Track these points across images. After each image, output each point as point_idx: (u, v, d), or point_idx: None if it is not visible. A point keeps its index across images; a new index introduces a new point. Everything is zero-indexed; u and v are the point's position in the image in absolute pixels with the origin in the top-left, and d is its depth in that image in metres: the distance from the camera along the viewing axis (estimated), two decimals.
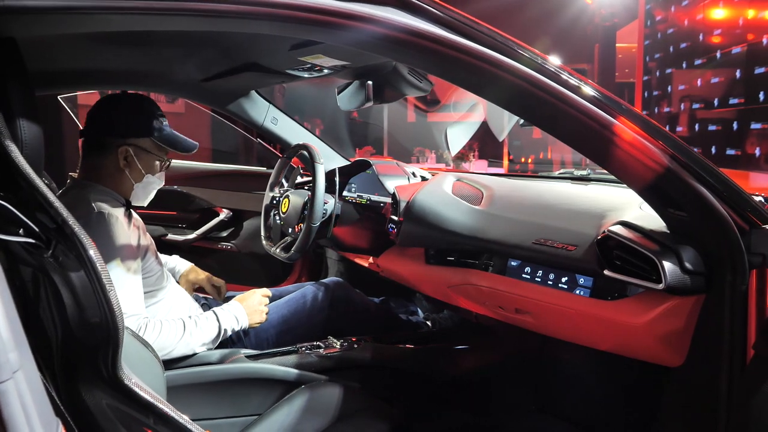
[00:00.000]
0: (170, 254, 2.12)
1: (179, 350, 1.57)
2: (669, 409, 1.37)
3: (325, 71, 1.62)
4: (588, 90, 1.07)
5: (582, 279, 1.39)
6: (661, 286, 1.16)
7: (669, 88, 7.92)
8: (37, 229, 0.80)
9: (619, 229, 1.30)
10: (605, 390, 1.72)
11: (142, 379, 1.25)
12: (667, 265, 1.16)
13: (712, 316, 1.18)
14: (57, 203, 0.81)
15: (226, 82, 1.96)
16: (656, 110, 8.38)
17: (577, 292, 1.39)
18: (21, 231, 0.81)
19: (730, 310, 1.15)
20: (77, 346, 0.84)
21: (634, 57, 9.18)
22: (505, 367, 1.98)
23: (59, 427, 0.67)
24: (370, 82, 1.66)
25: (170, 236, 2.90)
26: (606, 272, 1.29)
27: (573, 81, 1.06)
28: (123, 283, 1.50)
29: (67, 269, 0.81)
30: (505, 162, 9.57)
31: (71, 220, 0.80)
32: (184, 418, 0.92)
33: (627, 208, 1.46)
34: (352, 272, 2.62)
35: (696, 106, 6.95)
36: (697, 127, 6.91)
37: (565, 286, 1.42)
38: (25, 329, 0.93)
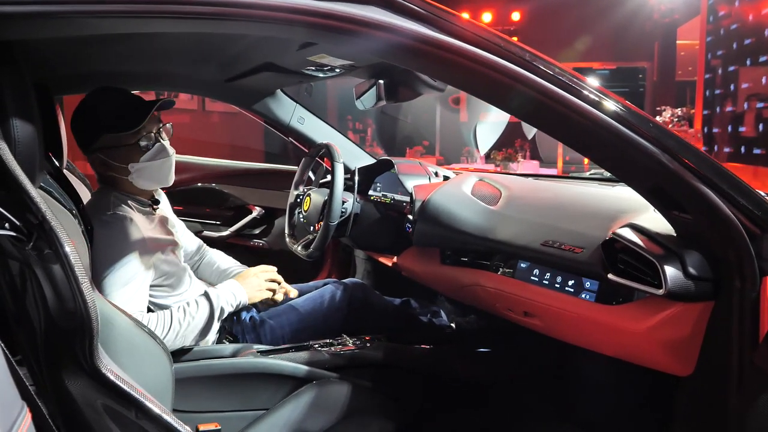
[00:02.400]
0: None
1: (173, 341, 1.58)
2: (680, 420, 1.31)
3: (337, 71, 1.63)
4: (576, 86, 1.03)
5: (588, 283, 1.35)
6: (661, 291, 1.12)
7: (732, 87, 7.58)
8: (19, 224, 0.84)
9: (625, 232, 1.25)
10: (622, 397, 1.66)
11: (148, 372, 1.29)
12: (669, 270, 1.11)
13: (720, 325, 1.13)
14: (39, 201, 0.85)
15: (249, 81, 2.00)
16: (719, 110, 8.04)
17: (583, 296, 1.35)
18: (6, 225, 0.85)
19: (740, 319, 1.09)
20: (57, 336, 0.87)
21: (696, 54, 8.83)
22: (524, 371, 1.94)
23: (23, 411, 0.69)
24: (381, 81, 1.66)
25: (206, 233, 2.98)
26: (610, 276, 1.25)
27: (562, 78, 1.03)
28: (125, 284, 1.54)
29: (47, 262, 0.84)
30: (560, 163, 9.36)
31: (50, 217, 0.84)
32: (165, 412, 0.94)
33: (640, 211, 1.40)
34: (378, 271, 2.62)
35: (761, 105, 6.64)
36: (761, 127, 6.59)
37: (572, 290, 1.38)
38: (15, 320, 0.98)
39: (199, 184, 3.05)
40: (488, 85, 1.01)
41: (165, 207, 1.89)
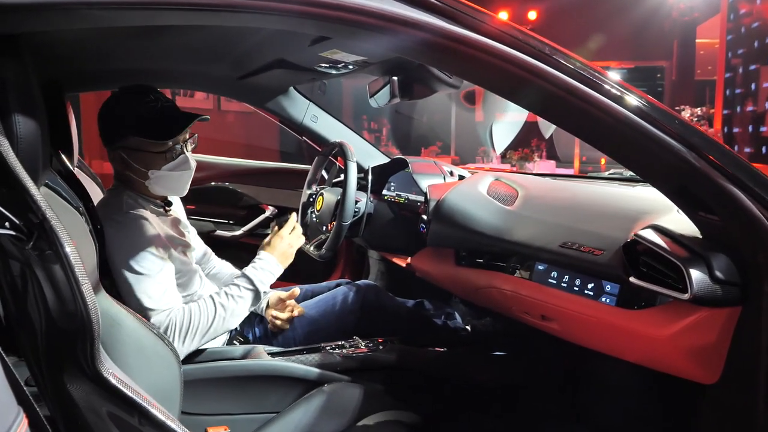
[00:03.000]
0: (219, 250, 2.14)
1: (220, 327, 1.56)
2: (704, 429, 1.26)
3: (350, 67, 1.60)
4: (597, 81, 0.99)
5: (608, 286, 1.30)
6: (686, 296, 1.07)
7: (753, 86, 7.47)
8: (19, 223, 0.81)
9: (647, 234, 1.20)
10: (644, 404, 1.61)
11: (156, 373, 1.26)
12: (695, 274, 1.06)
13: (748, 331, 1.08)
14: (40, 199, 0.82)
15: (261, 79, 1.97)
16: (739, 109, 7.91)
17: (603, 299, 1.30)
18: (7, 224, 0.82)
19: None
20: (58, 338, 0.85)
21: (716, 53, 8.70)
22: (540, 375, 1.89)
23: (20, 416, 0.66)
24: (395, 78, 1.62)
25: (219, 232, 2.96)
26: (632, 280, 1.20)
27: (582, 72, 0.98)
28: (145, 281, 1.52)
29: (47, 262, 0.82)
30: (577, 163, 9.26)
31: (51, 216, 0.81)
32: (169, 418, 0.91)
33: (663, 212, 1.35)
34: (392, 272, 2.58)
35: None
36: None
37: (591, 293, 1.33)
38: (16, 321, 0.95)
39: (213, 183, 3.04)
40: (506, 80, 0.97)
41: (178, 209, 1.87)
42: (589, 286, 1.34)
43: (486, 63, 0.93)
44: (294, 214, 1.82)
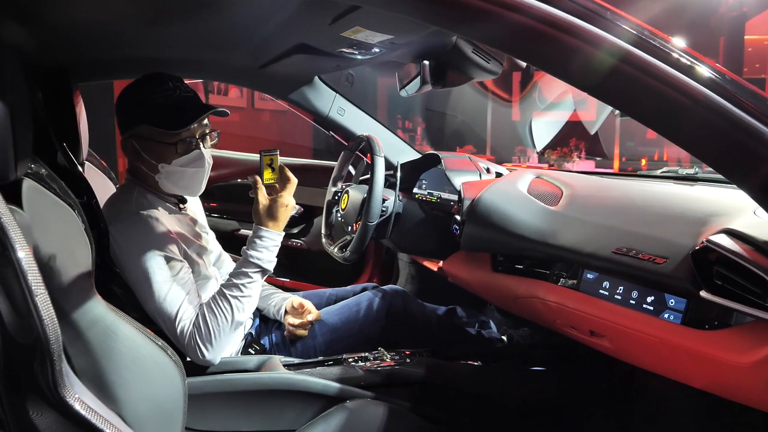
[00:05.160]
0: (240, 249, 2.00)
1: (241, 319, 1.44)
2: None
3: (376, 49, 1.44)
4: (672, 53, 0.81)
5: (672, 300, 1.12)
6: None
7: None
8: None
9: (722, 239, 1.02)
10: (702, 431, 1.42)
11: (156, 387, 1.13)
12: None
13: None
14: None
15: (283, 67, 1.83)
16: None
17: (666, 316, 1.12)
18: None
19: None
20: (16, 358, 0.71)
21: (765, 50, 8.30)
22: (584, 394, 1.71)
23: None
24: (426, 62, 1.46)
25: (243, 231, 2.85)
26: (703, 293, 1.02)
27: (653, 42, 0.81)
28: (161, 288, 1.41)
29: (3, 270, 0.68)
30: (616, 164, 8.96)
31: (6, 221, 0.67)
32: None
33: (737, 214, 1.16)
34: (423, 277, 2.42)
35: None
36: None
37: (651, 308, 1.15)
38: None
39: (239, 180, 2.93)
40: (558, 52, 0.80)
41: (195, 208, 1.74)
42: (649, 299, 1.15)
43: (532, 30, 0.76)
44: (255, 178, 1.53)
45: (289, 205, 1.51)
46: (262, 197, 1.49)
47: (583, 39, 0.77)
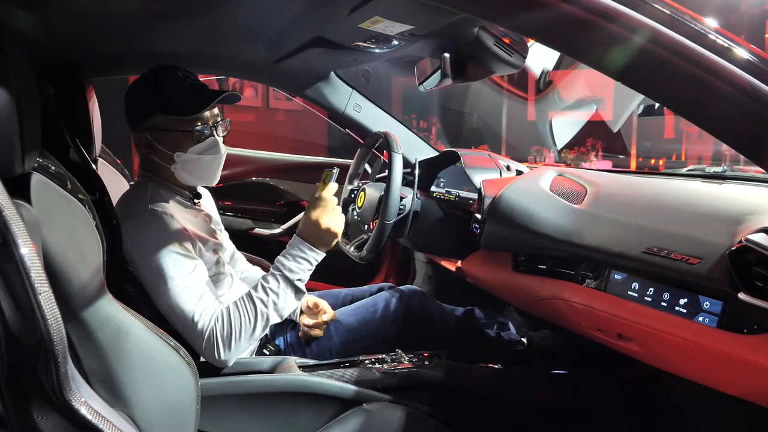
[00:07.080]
0: (257, 249, 1.97)
1: (264, 325, 1.39)
2: None
3: (395, 42, 1.39)
4: (711, 37, 0.76)
5: (707, 303, 1.06)
6: None
7: None
8: None
9: (762, 239, 0.96)
10: None
11: (168, 389, 1.10)
12: None
13: None
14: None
15: (299, 62, 1.80)
16: None
17: (700, 319, 1.06)
18: None
19: None
20: (20, 359, 0.68)
21: None
22: (609, 398, 1.65)
23: None
24: (447, 55, 1.41)
25: (257, 230, 2.82)
26: (741, 296, 0.96)
27: (692, 25, 0.76)
28: (177, 286, 1.37)
29: (2, 263, 0.65)
30: (634, 164, 8.85)
31: (5, 209, 0.64)
32: None
33: None
34: (440, 277, 2.38)
35: None
36: None
37: (684, 311, 1.09)
38: None
39: (254, 179, 2.90)
40: (596, 39, 0.75)
41: (209, 205, 1.71)
42: (682, 302, 1.10)
43: (563, 14, 0.71)
44: (334, 171, 1.52)
45: (325, 220, 1.48)
46: (306, 212, 1.49)
47: (625, 25, 0.72)
